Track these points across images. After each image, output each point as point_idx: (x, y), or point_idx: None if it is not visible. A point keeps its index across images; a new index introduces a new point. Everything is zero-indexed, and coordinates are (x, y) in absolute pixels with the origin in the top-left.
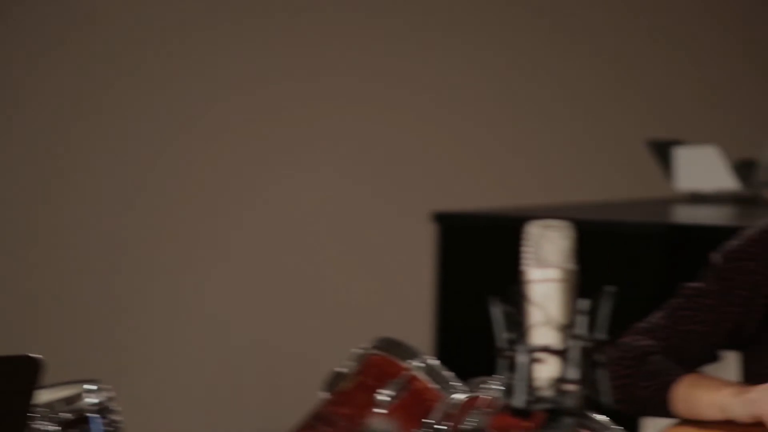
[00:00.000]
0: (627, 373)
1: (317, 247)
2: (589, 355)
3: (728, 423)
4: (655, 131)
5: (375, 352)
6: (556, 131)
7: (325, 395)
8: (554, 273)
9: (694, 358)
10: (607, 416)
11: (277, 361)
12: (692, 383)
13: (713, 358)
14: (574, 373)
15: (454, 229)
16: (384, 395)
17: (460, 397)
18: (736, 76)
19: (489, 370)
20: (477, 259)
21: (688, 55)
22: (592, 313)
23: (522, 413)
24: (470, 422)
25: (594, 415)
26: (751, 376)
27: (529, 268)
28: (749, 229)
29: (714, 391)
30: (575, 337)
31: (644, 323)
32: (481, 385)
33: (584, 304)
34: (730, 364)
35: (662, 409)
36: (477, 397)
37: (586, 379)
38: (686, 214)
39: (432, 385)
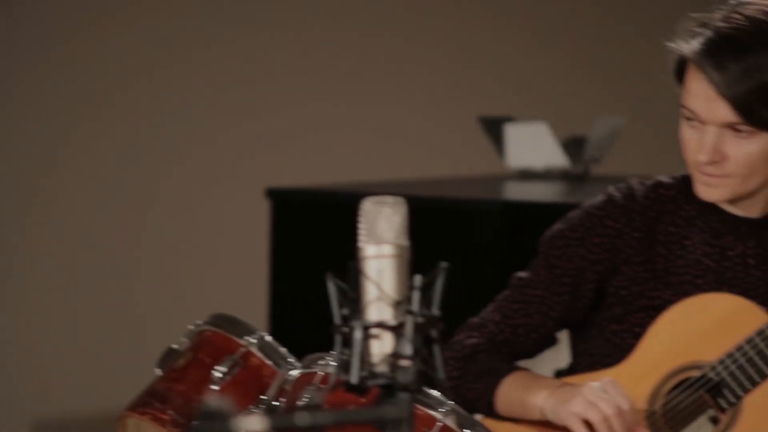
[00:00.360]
0: (457, 374)
1: (151, 224)
2: (424, 330)
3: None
4: (486, 108)
5: (209, 328)
6: (391, 108)
7: (159, 372)
8: (388, 249)
9: (529, 349)
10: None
11: (111, 338)
12: (513, 385)
13: (550, 342)
14: (408, 349)
15: (288, 205)
16: (219, 372)
17: (296, 373)
18: (565, 54)
19: (325, 347)
20: (312, 236)
21: (518, 33)
22: (427, 289)
23: (357, 389)
24: (306, 398)
25: (428, 390)
26: (580, 355)
27: (364, 245)
28: (572, 212)
29: (532, 394)
30: (410, 312)
31: (476, 318)
32: (318, 362)
33: (419, 280)
34: (564, 342)
35: (490, 411)
36: (312, 373)
37: (421, 355)
38: (518, 191)
39: (267, 361)
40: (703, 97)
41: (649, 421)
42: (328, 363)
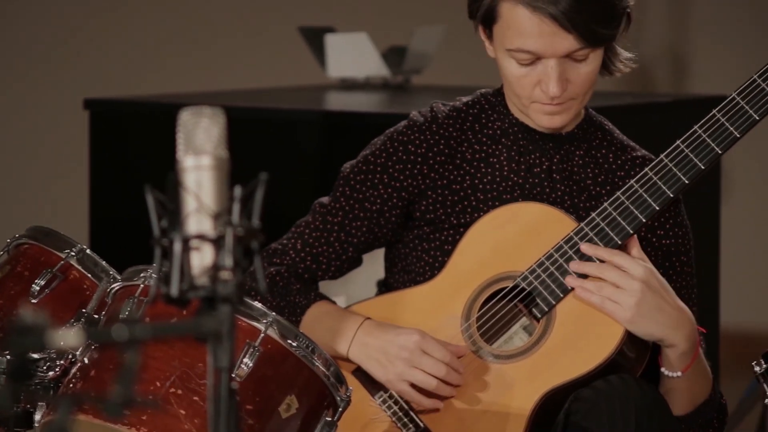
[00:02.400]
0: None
1: None
2: (244, 242)
3: None
4: (307, 19)
5: (27, 241)
6: (211, 19)
7: None
8: (207, 160)
9: (332, 275)
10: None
11: None
12: (315, 325)
13: (355, 264)
14: (228, 261)
15: (107, 116)
16: (37, 285)
17: (117, 286)
18: None
19: (146, 260)
20: (131, 148)
21: None
22: (247, 201)
23: (177, 302)
24: (125, 311)
25: (250, 301)
26: (398, 273)
27: (182, 156)
28: (378, 138)
29: (336, 341)
30: (229, 224)
31: (277, 245)
32: (140, 275)
33: (238, 191)
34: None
35: None
36: (134, 286)
37: (241, 267)
38: (338, 101)
39: (87, 274)
40: (540, 34)
41: (465, 334)
42: (150, 276)
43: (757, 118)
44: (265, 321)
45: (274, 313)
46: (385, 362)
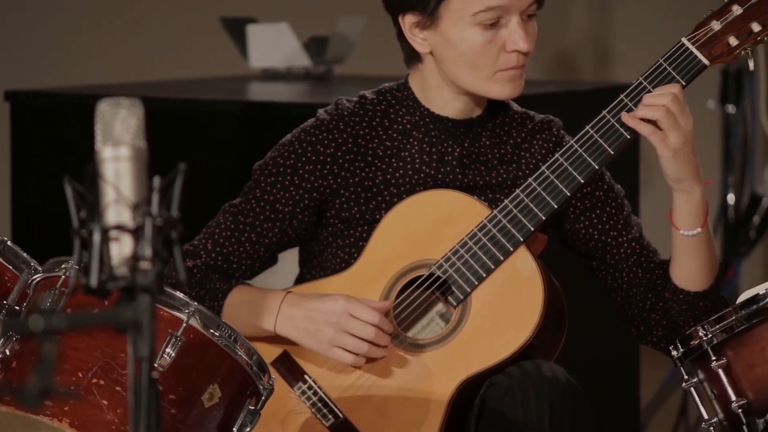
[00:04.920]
0: None
1: None
2: (163, 232)
3: None
4: (228, 9)
5: None
6: (132, 9)
7: None
8: (125, 151)
9: (244, 273)
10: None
11: None
12: (238, 307)
13: (269, 263)
14: (147, 251)
15: (27, 107)
16: None
17: (38, 277)
18: None
19: (68, 251)
20: (52, 139)
21: None
22: (166, 191)
23: (97, 292)
24: (47, 302)
25: (169, 290)
26: (314, 269)
27: (100, 147)
28: (286, 137)
29: (262, 317)
30: (148, 215)
31: (188, 245)
32: (61, 266)
33: (157, 181)
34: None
35: None
36: (55, 277)
37: (161, 257)
38: (260, 91)
39: (8, 266)
40: None
41: (386, 330)
42: (71, 267)
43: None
44: (187, 311)
45: (196, 303)
46: (314, 331)
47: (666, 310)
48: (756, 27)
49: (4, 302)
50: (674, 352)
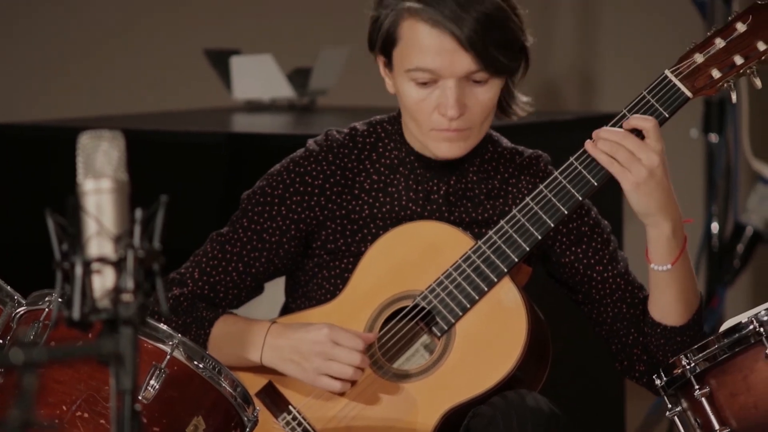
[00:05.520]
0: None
1: None
2: (145, 264)
3: None
4: (212, 41)
5: None
6: (115, 42)
7: None
8: (107, 183)
9: (230, 303)
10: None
11: None
12: (224, 337)
13: (255, 293)
14: (130, 283)
15: (8, 141)
16: None
17: (21, 310)
18: None
19: (51, 284)
20: (33, 172)
21: None
22: (148, 223)
23: (80, 325)
24: (30, 335)
25: (153, 323)
26: (299, 298)
27: (82, 180)
28: (274, 167)
29: (248, 349)
30: (130, 247)
31: (175, 274)
32: (45, 299)
33: (139, 213)
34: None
35: None
36: (39, 310)
37: (143, 289)
38: (244, 123)
39: None
40: (439, 51)
41: (367, 354)
42: (51, 299)
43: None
44: (171, 343)
45: (179, 335)
46: (300, 360)
47: (646, 344)
48: (738, 60)
49: None
50: (658, 381)
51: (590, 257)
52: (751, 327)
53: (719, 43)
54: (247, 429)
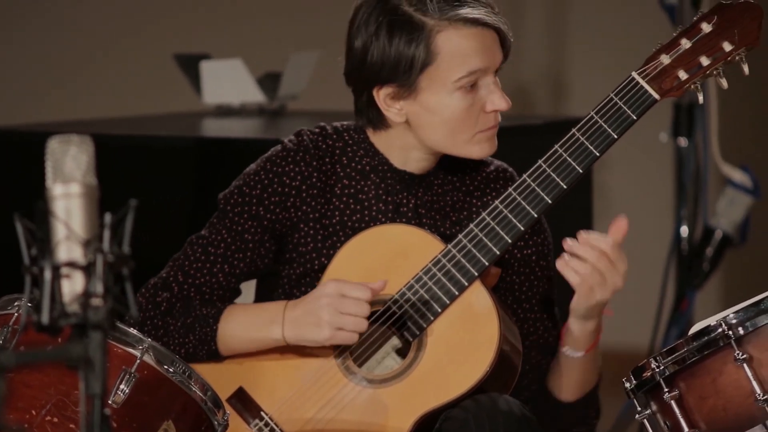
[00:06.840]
0: (162, 332)
1: None
2: (114, 268)
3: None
4: (182, 46)
5: None
6: (84, 46)
7: None
8: (76, 188)
9: (217, 302)
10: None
11: None
12: (233, 327)
13: (235, 295)
14: (99, 287)
15: None
16: None
17: None
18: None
19: (21, 289)
20: (1, 176)
21: None
22: (117, 227)
23: (49, 329)
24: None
25: (123, 327)
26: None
27: (51, 184)
28: (250, 166)
29: (264, 330)
30: (99, 251)
31: (157, 279)
32: (15, 303)
33: (108, 218)
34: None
35: (214, 356)
36: (8, 315)
37: (112, 293)
38: (213, 127)
39: None
40: (483, 47)
41: (338, 359)
42: (20, 304)
43: (615, 136)
44: (141, 347)
45: (150, 339)
46: (316, 320)
47: (535, 392)
48: (705, 61)
49: None
50: (627, 384)
51: (524, 292)
52: (720, 330)
53: (685, 43)
54: None
